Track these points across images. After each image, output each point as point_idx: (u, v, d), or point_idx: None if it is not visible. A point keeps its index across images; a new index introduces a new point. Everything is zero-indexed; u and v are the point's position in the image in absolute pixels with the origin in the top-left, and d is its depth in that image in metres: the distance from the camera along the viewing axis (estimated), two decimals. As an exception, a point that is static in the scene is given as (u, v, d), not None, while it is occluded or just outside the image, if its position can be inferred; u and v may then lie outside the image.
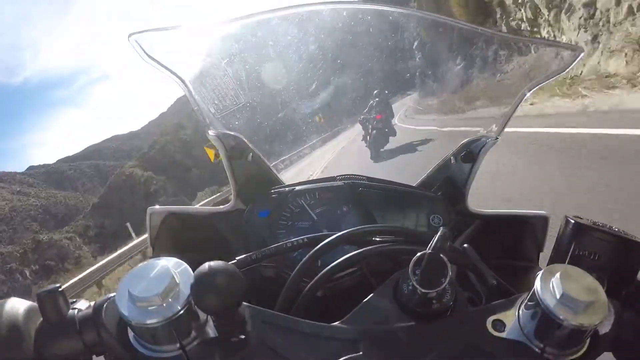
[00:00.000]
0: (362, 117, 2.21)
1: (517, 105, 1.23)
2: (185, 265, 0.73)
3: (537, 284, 0.71)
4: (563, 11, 15.36)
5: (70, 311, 0.77)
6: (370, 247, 1.00)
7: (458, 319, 0.78)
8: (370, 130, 2.31)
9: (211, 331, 0.73)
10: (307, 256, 0.97)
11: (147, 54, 1.13)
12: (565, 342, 0.70)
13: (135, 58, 1.09)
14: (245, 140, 1.33)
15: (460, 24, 1.20)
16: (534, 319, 0.72)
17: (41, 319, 0.75)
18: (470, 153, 1.30)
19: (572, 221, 0.91)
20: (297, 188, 1.35)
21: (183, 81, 1.17)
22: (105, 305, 0.77)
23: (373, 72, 1.70)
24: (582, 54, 1.13)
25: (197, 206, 1.39)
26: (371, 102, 2.09)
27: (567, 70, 1.15)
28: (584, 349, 0.73)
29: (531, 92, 1.22)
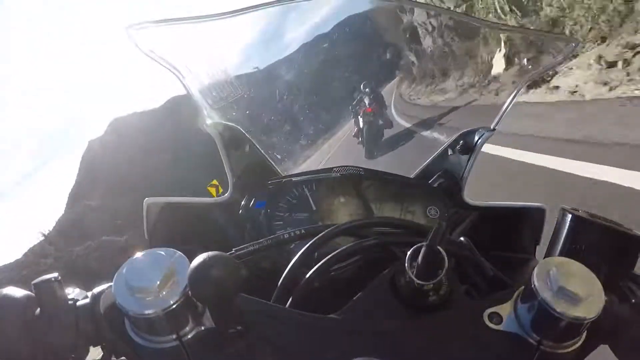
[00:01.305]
0: (351, 112, 2.08)
1: (515, 97, 1.23)
2: (182, 255, 0.73)
3: (534, 277, 0.71)
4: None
5: (68, 301, 0.77)
6: (367, 239, 1.00)
7: (455, 311, 0.78)
8: (362, 126, 2.25)
9: (208, 322, 0.73)
10: (304, 248, 0.97)
11: (143, 47, 1.13)
12: (562, 335, 0.71)
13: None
14: (243, 131, 1.33)
15: (455, 14, 1.20)
16: (530, 311, 0.72)
17: (38, 308, 0.76)
18: (468, 144, 1.30)
19: (569, 213, 0.92)
20: (294, 179, 1.35)
21: (180, 73, 1.17)
22: (102, 296, 0.78)
23: (365, 61, 1.70)
24: (578, 45, 1.13)
25: (193, 197, 1.39)
26: (360, 94, 2.00)
27: (564, 61, 1.15)
28: (581, 341, 0.73)
29: (528, 82, 1.22)
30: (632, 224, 0.87)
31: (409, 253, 0.78)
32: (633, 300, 0.81)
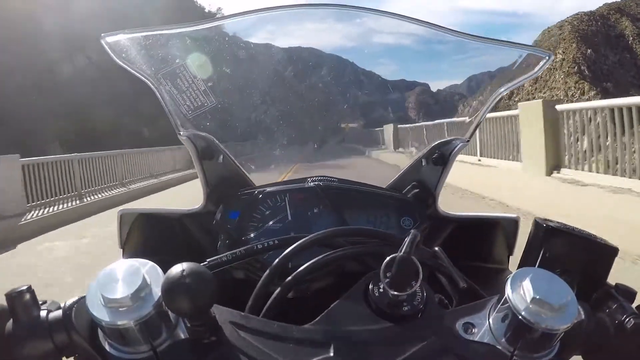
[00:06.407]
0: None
1: (488, 109, 1.24)
2: (156, 266, 0.73)
3: (508, 287, 0.71)
4: None
5: (41, 312, 0.76)
6: (341, 249, 1.00)
7: (428, 322, 0.78)
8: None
9: (182, 333, 0.73)
10: (277, 259, 0.97)
11: (118, 55, 1.13)
12: (536, 345, 0.71)
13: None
14: (217, 142, 1.33)
15: (428, 25, 1.21)
16: (504, 321, 0.72)
17: (10, 319, 0.74)
18: (442, 155, 1.31)
19: (543, 224, 0.92)
20: (268, 190, 1.34)
21: (153, 82, 1.17)
22: (75, 307, 0.76)
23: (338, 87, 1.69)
24: (551, 58, 1.15)
25: (167, 208, 1.38)
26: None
27: (537, 74, 1.17)
28: (554, 352, 0.73)
29: (501, 94, 1.23)
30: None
31: (383, 263, 0.78)
32: (607, 310, 0.82)
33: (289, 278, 0.93)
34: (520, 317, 0.68)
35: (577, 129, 11.44)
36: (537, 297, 0.68)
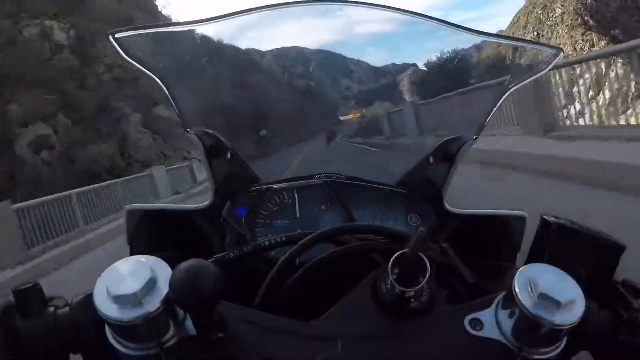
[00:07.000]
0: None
1: (497, 105, 1.24)
2: (163, 262, 0.72)
3: (515, 283, 0.71)
4: None
5: (48, 308, 0.76)
6: (348, 245, 1.00)
7: (436, 317, 0.78)
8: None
9: (190, 329, 0.72)
10: (285, 255, 0.97)
11: (127, 52, 1.13)
12: (543, 341, 0.71)
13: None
14: (223, 139, 1.33)
15: (436, 20, 1.20)
16: (511, 317, 0.72)
17: (17, 315, 0.75)
18: (450, 152, 1.31)
19: (550, 221, 0.92)
20: (275, 186, 1.35)
21: (162, 79, 1.17)
22: (82, 303, 0.77)
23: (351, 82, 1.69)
24: (561, 55, 1.14)
25: (174, 204, 1.39)
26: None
27: (547, 70, 1.17)
28: (561, 348, 0.73)
29: (510, 91, 1.23)
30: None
31: (391, 260, 0.78)
32: (614, 306, 0.82)
33: (296, 274, 0.93)
34: (527, 313, 0.68)
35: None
36: (544, 292, 0.68)
